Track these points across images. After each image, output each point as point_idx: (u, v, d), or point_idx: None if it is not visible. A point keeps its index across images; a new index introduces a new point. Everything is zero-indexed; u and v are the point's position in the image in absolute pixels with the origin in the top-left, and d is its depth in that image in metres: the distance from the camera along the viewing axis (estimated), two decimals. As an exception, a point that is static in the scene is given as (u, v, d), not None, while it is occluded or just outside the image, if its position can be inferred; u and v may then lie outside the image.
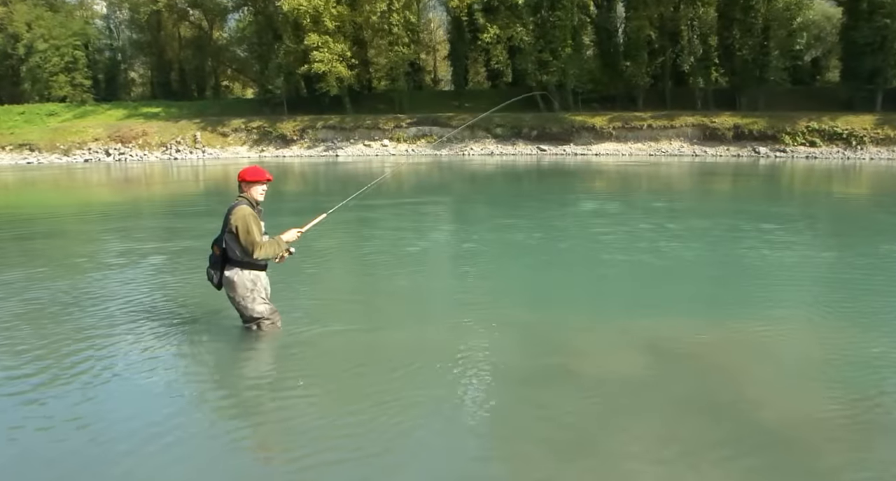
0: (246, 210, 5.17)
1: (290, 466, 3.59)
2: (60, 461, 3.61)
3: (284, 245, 5.36)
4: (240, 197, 5.31)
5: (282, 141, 43.60)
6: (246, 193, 5.30)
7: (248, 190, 5.30)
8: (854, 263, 8.62)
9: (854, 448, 3.77)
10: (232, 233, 5.15)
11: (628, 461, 3.57)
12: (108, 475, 3.48)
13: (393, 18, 43.65)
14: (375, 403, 4.25)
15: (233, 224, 5.13)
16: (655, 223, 12.37)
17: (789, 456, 3.62)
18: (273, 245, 5.26)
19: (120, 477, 3.44)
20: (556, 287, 7.62)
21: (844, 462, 3.61)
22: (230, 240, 5.19)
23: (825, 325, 5.98)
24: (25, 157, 41.30)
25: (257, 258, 5.19)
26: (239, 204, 5.23)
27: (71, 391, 4.49)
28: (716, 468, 3.50)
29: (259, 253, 5.15)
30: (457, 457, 3.66)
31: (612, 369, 4.84)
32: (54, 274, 8.27)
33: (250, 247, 5.11)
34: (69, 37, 50.33)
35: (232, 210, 5.20)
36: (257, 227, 5.16)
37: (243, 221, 5.10)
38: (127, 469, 3.50)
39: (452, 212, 15.68)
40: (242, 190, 5.33)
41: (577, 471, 3.49)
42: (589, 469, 3.52)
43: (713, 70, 43.76)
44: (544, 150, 40.25)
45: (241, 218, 5.11)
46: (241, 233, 5.10)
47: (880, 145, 35.40)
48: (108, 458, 3.62)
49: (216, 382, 4.74)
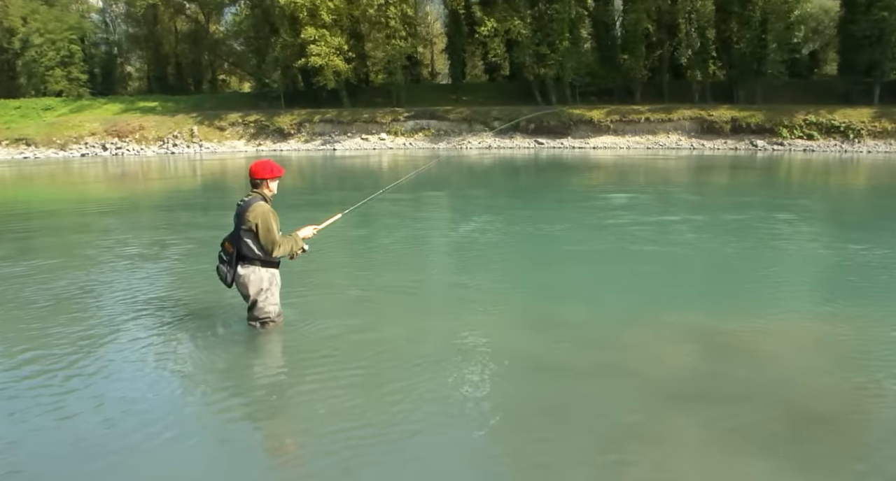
0: (265, 207, 5.12)
1: (294, 461, 3.60)
2: (58, 455, 3.63)
3: (300, 242, 5.33)
4: (253, 192, 5.24)
5: (279, 135, 43.52)
6: (261, 189, 5.24)
7: (262, 186, 5.23)
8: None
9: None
10: (251, 231, 5.09)
11: (673, 458, 3.60)
12: (109, 469, 3.50)
13: (390, 11, 43.53)
14: (381, 399, 4.26)
15: (251, 221, 5.06)
16: (683, 217, 12.36)
17: (850, 449, 3.68)
18: (290, 242, 5.23)
19: (122, 471, 3.46)
20: (596, 280, 7.61)
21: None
22: (248, 237, 5.12)
23: (880, 317, 5.93)
24: (22, 152, 41.17)
25: (274, 256, 5.18)
26: (254, 200, 5.16)
27: (69, 385, 4.50)
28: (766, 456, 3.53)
29: (277, 251, 5.13)
30: (470, 455, 3.67)
31: (662, 363, 4.87)
32: (51, 269, 8.27)
33: (270, 245, 5.09)
34: (65, 31, 50.07)
35: (249, 207, 5.11)
36: (277, 225, 5.14)
37: (264, 219, 5.05)
38: (128, 464, 3.52)
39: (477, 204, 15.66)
40: (256, 185, 5.24)
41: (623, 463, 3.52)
42: (649, 459, 3.56)
43: (711, 63, 43.69)
44: (542, 144, 40.22)
45: (261, 215, 5.05)
46: (262, 232, 5.06)
47: (877, 138, 35.43)
48: (106, 453, 3.64)
49: (217, 378, 4.74)
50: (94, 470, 3.49)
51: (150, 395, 4.35)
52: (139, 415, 4.04)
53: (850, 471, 3.49)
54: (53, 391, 4.42)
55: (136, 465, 3.49)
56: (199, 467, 3.53)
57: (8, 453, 3.65)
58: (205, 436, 3.86)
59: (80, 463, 3.56)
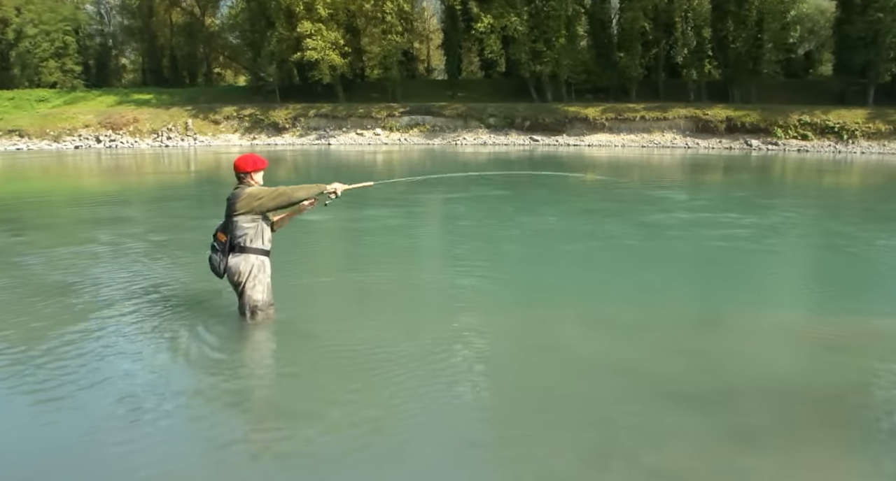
0: (250, 189, 5.17)
1: (287, 459, 3.59)
2: (46, 448, 3.62)
3: (322, 187, 5.32)
4: (240, 186, 5.27)
5: (274, 129, 43.39)
6: (245, 182, 5.27)
7: (248, 179, 5.27)
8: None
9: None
10: (247, 214, 5.11)
11: (673, 458, 3.61)
12: (94, 461, 3.49)
13: (386, 7, 43.46)
14: (375, 395, 4.26)
15: (244, 207, 5.09)
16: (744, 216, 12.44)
17: (851, 448, 3.71)
18: (301, 189, 5.24)
19: (107, 463, 3.46)
20: (595, 282, 7.62)
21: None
22: (243, 222, 5.15)
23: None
24: (15, 144, 40.91)
25: (292, 201, 5.19)
26: (240, 190, 5.21)
27: (58, 375, 4.48)
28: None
29: (281, 198, 5.13)
30: (459, 449, 3.69)
31: (661, 362, 4.88)
32: (42, 260, 8.23)
33: (272, 198, 5.11)
34: (59, 22, 49.80)
35: (237, 197, 5.15)
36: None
37: (250, 192, 5.10)
38: (114, 456, 3.51)
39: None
40: (241, 179, 5.28)
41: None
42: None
43: (707, 62, 43.83)
44: (537, 141, 40.25)
45: (247, 194, 5.10)
46: (268, 199, 5.09)
47: (871, 139, 35.62)
48: (94, 445, 3.64)
49: (206, 370, 4.71)
50: (74, 461, 3.49)
51: (133, 387, 4.31)
52: (123, 406, 4.02)
53: (851, 471, 3.51)
54: (37, 383, 4.40)
55: (125, 460, 3.48)
56: (188, 465, 3.51)
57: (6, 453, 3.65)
58: (194, 434, 3.82)
59: (73, 459, 3.56)
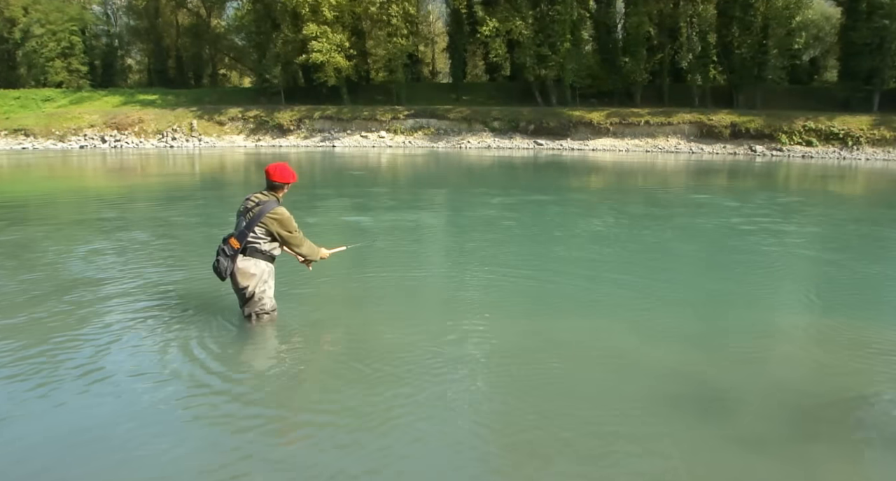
0: (286, 212, 5.33)
1: (282, 455, 3.61)
2: (45, 447, 3.64)
3: (320, 252, 5.61)
4: (270, 194, 5.35)
5: (278, 131, 43.49)
6: (278, 192, 5.39)
7: (278, 190, 5.39)
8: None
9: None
10: (270, 233, 5.25)
11: (672, 458, 3.62)
12: (98, 463, 3.51)
13: (392, 9, 43.56)
14: (376, 396, 4.27)
15: (275, 225, 5.24)
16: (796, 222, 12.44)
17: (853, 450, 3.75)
18: (311, 247, 5.54)
19: (110, 459, 3.48)
20: (598, 280, 7.63)
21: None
22: (263, 236, 5.26)
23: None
24: (20, 143, 41.09)
25: (299, 253, 5.49)
26: (271, 202, 5.29)
27: (62, 372, 4.51)
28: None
29: (302, 249, 5.43)
30: (458, 452, 3.70)
31: (659, 363, 4.89)
32: (46, 260, 8.26)
33: (297, 243, 5.38)
34: (66, 22, 50.03)
35: (269, 209, 5.23)
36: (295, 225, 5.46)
37: (289, 223, 5.30)
38: (117, 458, 3.53)
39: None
40: (275, 188, 5.36)
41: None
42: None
43: (711, 68, 43.79)
44: (541, 145, 40.26)
45: (287, 220, 5.29)
46: (288, 235, 5.32)
47: (876, 146, 35.53)
48: (96, 446, 3.66)
49: (211, 372, 4.73)
50: (75, 462, 3.51)
51: (136, 388, 4.34)
52: (126, 406, 4.05)
53: (850, 472, 3.52)
54: (41, 379, 4.43)
55: (128, 457, 3.51)
56: (190, 463, 3.54)
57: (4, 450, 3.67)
58: (197, 434, 3.85)
59: (72, 458, 3.57)
